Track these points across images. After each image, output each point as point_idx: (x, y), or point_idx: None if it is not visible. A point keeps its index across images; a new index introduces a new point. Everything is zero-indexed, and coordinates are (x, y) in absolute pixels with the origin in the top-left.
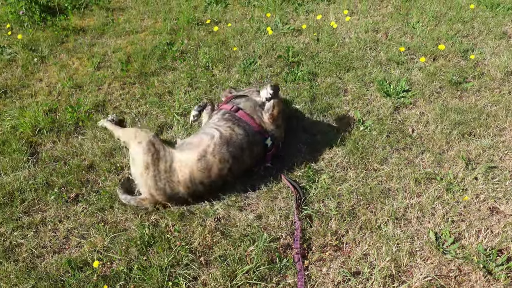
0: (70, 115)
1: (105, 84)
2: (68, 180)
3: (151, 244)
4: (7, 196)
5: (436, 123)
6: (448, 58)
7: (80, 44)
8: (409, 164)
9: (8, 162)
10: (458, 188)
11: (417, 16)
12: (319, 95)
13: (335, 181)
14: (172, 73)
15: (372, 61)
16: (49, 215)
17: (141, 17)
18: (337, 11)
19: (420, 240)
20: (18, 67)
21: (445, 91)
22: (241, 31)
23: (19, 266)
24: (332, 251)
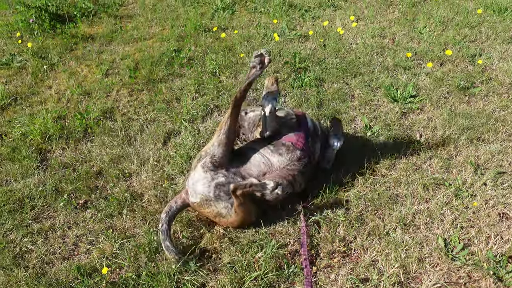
0: (79, 122)
1: (113, 91)
2: (77, 187)
3: (159, 251)
4: (17, 203)
5: (444, 128)
6: (456, 63)
7: (89, 52)
8: (417, 169)
9: (18, 169)
10: (467, 193)
11: (424, 21)
12: (326, 101)
13: (343, 186)
14: (180, 79)
15: (379, 66)
16: (58, 221)
17: (149, 24)
18: (344, 17)
19: (429, 246)
20: (28, 74)
21: (453, 96)
22: (248, 38)
23: (29, 273)
24: (340, 258)
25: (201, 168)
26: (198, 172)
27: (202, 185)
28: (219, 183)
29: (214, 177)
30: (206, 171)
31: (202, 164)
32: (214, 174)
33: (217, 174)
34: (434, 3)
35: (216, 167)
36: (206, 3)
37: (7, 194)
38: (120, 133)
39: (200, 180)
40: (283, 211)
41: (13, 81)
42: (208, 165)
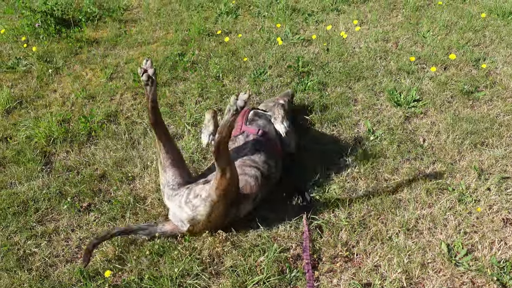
0: (83, 125)
1: (117, 95)
2: (80, 190)
3: (161, 254)
4: (22, 205)
5: (448, 133)
6: (459, 67)
7: (93, 55)
8: (420, 174)
9: (23, 171)
10: (470, 199)
11: (428, 25)
12: (329, 105)
13: (346, 191)
14: (183, 83)
15: (382, 70)
16: (62, 224)
17: (153, 29)
18: (347, 21)
19: (432, 251)
20: (33, 78)
21: (457, 100)
22: (251, 42)
23: (32, 275)
24: (343, 262)
25: (168, 201)
26: (170, 205)
27: (178, 212)
28: (185, 198)
29: (179, 198)
30: (173, 199)
31: (166, 197)
32: (179, 196)
33: (181, 193)
34: (438, 7)
35: (176, 190)
36: (210, 7)
37: (11, 197)
38: (123, 136)
39: (176, 209)
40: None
41: (18, 84)
42: (170, 194)
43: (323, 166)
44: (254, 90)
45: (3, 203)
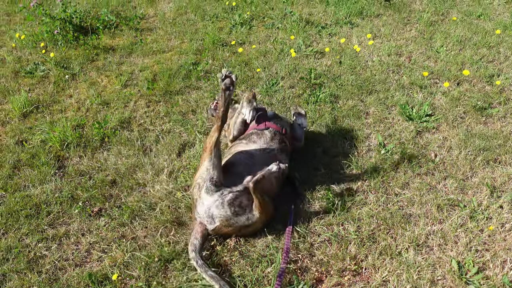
0: (96, 131)
1: (131, 102)
2: (92, 195)
3: (169, 261)
4: (34, 208)
5: (460, 149)
6: (473, 83)
7: (109, 63)
8: (431, 189)
9: (37, 175)
10: (482, 216)
11: (441, 40)
12: (341, 117)
13: (355, 204)
14: (196, 92)
15: (394, 84)
16: (72, 228)
17: (168, 38)
18: (360, 34)
19: (442, 268)
20: (50, 83)
21: (469, 116)
22: (265, 53)
23: (42, 278)
24: (351, 276)
25: (206, 194)
26: (206, 199)
27: (216, 208)
28: (230, 200)
29: (222, 197)
30: (213, 194)
31: (205, 190)
32: (221, 194)
33: (223, 193)
34: (452, 23)
35: (219, 187)
36: (225, 18)
37: (24, 199)
38: (136, 143)
39: (212, 204)
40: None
41: (35, 89)
42: (211, 188)
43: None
44: (266, 101)
45: (16, 205)
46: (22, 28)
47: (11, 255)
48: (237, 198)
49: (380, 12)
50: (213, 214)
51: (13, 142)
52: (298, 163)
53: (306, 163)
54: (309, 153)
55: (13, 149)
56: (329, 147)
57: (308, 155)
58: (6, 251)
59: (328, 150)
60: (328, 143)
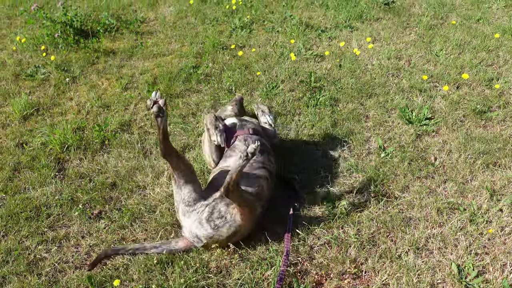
0: (97, 134)
1: (131, 105)
2: (92, 197)
3: (168, 264)
4: (34, 210)
5: (460, 152)
6: (472, 87)
7: (109, 66)
8: (431, 193)
9: (37, 177)
10: (482, 219)
11: (441, 44)
12: (341, 121)
13: (355, 207)
14: (196, 95)
15: (394, 88)
16: (72, 230)
17: (168, 41)
18: (360, 38)
19: (442, 272)
20: (51, 86)
21: (469, 120)
22: (265, 56)
23: (42, 280)
24: (351, 279)
25: (184, 217)
26: (185, 221)
27: (196, 228)
28: (207, 216)
29: (199, 215)
30: (189, 215)
31: (182, 213)
32: (197, 212)
33: (199, 211)
34: (451, 27)
35: (192, 205)
36: (225, 21)
37: (24, 202)
38: (136, 146)
39: (192, 225)
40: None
41: (36, 92)
42: (186, 210)
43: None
44: (266, 104)
45: (17, 207)
46: (23, 31)
47: (11, 257)
48: (214, 209)
49: (380, 16)
50: (196, 234)
51: (13, 144)
52: (297, 166)
53: (306, 166)
54: (309, 156)
55: (13, 152)
56: (329, 150)
57: (308, 158)
58: (6, 253)
59: (328, 153)
60: (328, 146)
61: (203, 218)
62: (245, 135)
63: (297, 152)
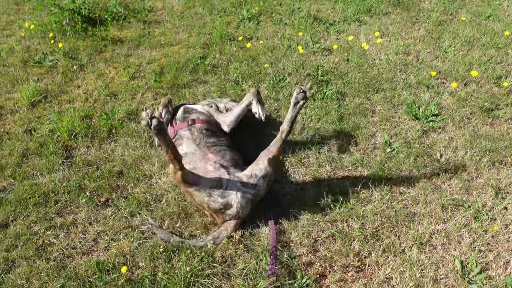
0: (104, 122)
1: (138, 94)
2: (99, 185)
3: (174, 252)
4: (42, 196)
5: (466, 149)
6: (480, 84)
7: (117, 54)
8: (436, 189)
9: (45, 164)
10: (486, 217)
11: (450, 40)
12: (347, 115)
13: (360, 201)
14: (203, 86)
15: (401, 83)
16: (80, 217)
17: (176, 31)
18: (368, 32)
19: (445, 267)
20: (59, 73)
21: (476, 117)
22: (272, 48)
23: (50, 265)
24: (354, 272)
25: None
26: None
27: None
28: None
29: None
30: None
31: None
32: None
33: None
34: (461, 23)
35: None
36: (233, 12)
37: (33, 188)
38: (143, 135)
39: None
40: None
41: (44, 79)
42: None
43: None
44: (273, 97)
45: (25, 193)
46: (31, 18)
47: (20, 242)
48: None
49: (389, 10)
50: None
51: (21, 130)
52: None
53: (311, 160)
54: (314, 150)
55: (21, 138)
56: (334, 144)
57: (313, 152)
58: (15, 238)
59: (334, 147)
60: (334, 140)
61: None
62: (182, 128)
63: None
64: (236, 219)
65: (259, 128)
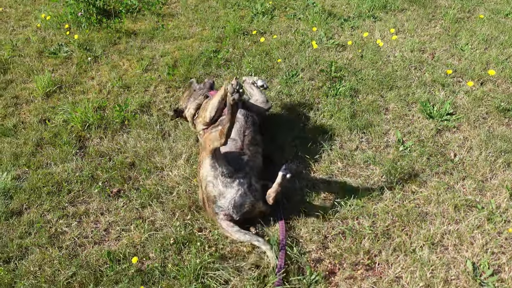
0: (117, 114)
1: (151, 86)
2: (111, 176)
3: (184, 244)
4: (56, 186)
5: (480, 150)
6: (497, 84)
7: (131, 47)
8: (449, 189)
9: (59, 153)
10: (500, 218)
11: (466, 38)
12: (360, 112)
13: (371, 199)
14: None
15: (416, 81)
16: (92, 207)
17: (189, 24)
18: (383, 28)
19: (457, 268)
20: (73, 65)
21: (492, 117)
22: (285, 43)
23: (62, 253)
24: (364, 270)
25: (225, 188)
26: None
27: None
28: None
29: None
30: (232, 186)
31: (222, 185)
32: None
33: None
34: (478, 20)
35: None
36: (246, 6)
37: (46, 177)
38: (155, 127)
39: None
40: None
41: (59, 70)
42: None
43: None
44: (285, 92)
45: (39, 182)
46: (47, 9)
47: (33, 230)
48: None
49: (405, 6)
50: (239, 203)
51: (36, 120)
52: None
53: (322, 156)
54: (325, 147)
55: (36, 127)
56: (346, 141)
57: (325, 148)
58: (29, 226)
59: (346, 144)
60: (346, 137)
61: (244, 188)
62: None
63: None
64: (225, 215)
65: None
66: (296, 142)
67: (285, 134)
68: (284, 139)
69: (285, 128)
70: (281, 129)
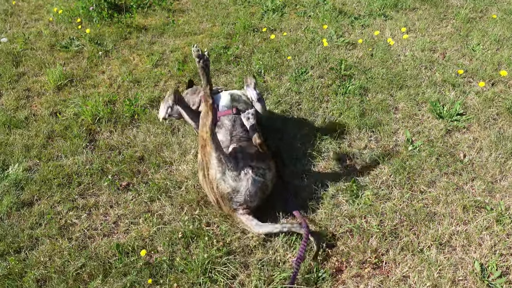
0: (127, 108)
1: (161, 81)
2: (121, 169)
3: (193, 239)
4: (66, 178)
5: (490, 151)
6: (509, 84)
7: (141, 42)
8: (458, 190)
9: (69, 146)
10: (509, 220)
11: (478, 38)
12: (369, 111)
13: (379, 198)
14: (225, 76)
15: (426, 81)
16: (101, 199)
17: (200, 20)
18: (394, 27)
19: (464, 269)
20: (84, 58)
21: (502, 118)
22: (295, 41)
23: (72, 244)
24: (371, 269)
25: (236, 182)
26: (240, 185)
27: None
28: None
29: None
30: (241, 179)
31: (232, 179)
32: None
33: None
34: (491, 21)
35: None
36: (257, 3)
37: (57, 169)
38: (164, 122)
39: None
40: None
41: (70, 63)
42: (235, 175)
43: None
44: (294, 89)
45: (50, 174)
46: (59, 3)
47: (44, 221)
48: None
49: (416, 5)
50: (253, 192)
51: (47, 113)
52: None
53: (331, 154)
54: (334, 145)
55: (47, 120)
56: (355, 140)
57: (333, 146)
58: (39, 217)
59: (354, 142)
60: (355, 135)
61: (251, 175)
62: (227, 115)
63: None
64: (244, 209)
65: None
66: (304, 140)
67: (293, 132)
68: (292, 137)
69: (293, 126)
70: (289, 127)
